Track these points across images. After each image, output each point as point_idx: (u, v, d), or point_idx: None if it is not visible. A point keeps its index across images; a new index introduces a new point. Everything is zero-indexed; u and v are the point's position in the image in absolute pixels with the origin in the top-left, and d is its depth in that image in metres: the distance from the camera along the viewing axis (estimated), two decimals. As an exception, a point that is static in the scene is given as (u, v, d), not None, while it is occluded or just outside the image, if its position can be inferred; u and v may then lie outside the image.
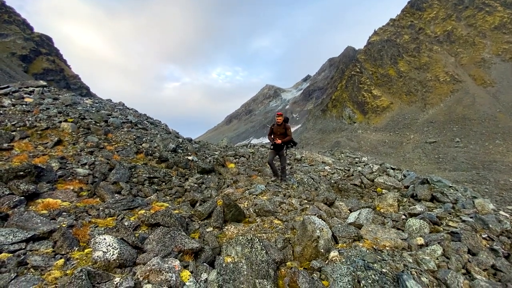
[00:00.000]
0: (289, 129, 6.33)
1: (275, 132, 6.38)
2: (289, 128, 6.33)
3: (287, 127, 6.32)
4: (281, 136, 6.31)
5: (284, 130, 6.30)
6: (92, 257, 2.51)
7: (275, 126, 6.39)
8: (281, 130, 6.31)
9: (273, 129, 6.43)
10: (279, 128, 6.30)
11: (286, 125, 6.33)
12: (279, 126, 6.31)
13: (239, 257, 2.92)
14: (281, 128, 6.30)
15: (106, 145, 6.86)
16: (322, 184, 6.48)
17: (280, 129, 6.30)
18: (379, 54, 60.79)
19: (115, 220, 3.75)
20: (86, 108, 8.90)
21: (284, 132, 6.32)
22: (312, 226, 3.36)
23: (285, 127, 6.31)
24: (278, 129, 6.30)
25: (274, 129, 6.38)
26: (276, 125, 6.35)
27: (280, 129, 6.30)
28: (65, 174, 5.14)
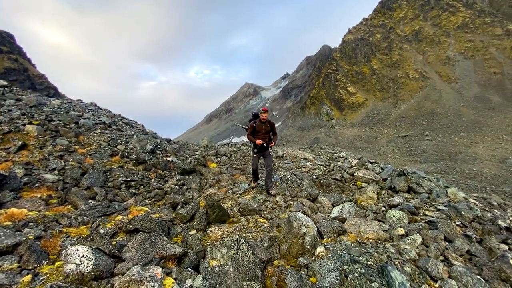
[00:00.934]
0: (274, 126, 5.58)
1: (258, 130, 5.43)
2: (274, 126, 5.58)
3: (272, 125, 5.55)
4: (266, 135, 5.46)
5: (270, 128, 5.49)
6: (64, 270, 2.29)
7: (257, 124, 5.45)
8: (267, 127, 5.44)
9: (255, 127, 5.45)
10: (263, 125, 5.43)
11: (271, 122, 5.52)
12: (263, 123, 5.43)
13: (225, 259, 2.83)
14: (266, 126, 5.43)
15: (78, 148, 6.43)
16: (305, 180, 6.53)
17: (265, 126, 5.43)
18: (353, 53, 62.84)
19: (89, 228, 3.50)
20: (54, 109, 8.29)
21: (269, 130, 5.49)
22: (297, 223, 3.34)
23: (270, 124, 5.50)
24: (263, 127, 5.43)
25: (257, 127, 5.43)
26: (260, 122, 5.45)
27: (265, 126, 5.43)
28: (32, 181, 4.74)
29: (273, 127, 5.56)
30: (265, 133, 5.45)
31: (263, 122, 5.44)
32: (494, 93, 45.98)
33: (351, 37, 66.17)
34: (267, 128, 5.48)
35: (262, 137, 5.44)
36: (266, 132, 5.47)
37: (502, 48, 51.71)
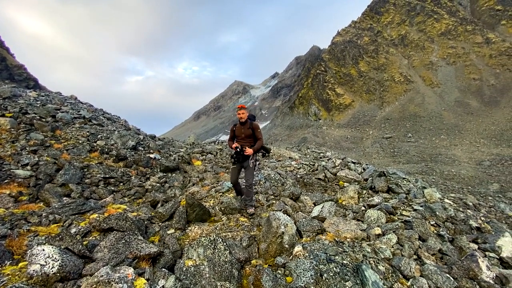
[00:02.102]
0: (257, 129, 4.43)
1: (237, 135, 4.45)
2: (257, 129, 4.43)
3: (255, 127, 4.41)
4: (247, 141, 4.40)
5: (251, 131, 4.36)
6: (27, 271, 2.18)
7: (237, 127, 4.46)
8: (247, 131, 4.35)
9: (234, 131, 4.51)
10: (243, 128, 4.37)
11: (253, 125, 4.44)
12: (242, 125, 4.39)
13: (201, 259, 2.78)
14: (246, 129, 4.35)
15: (53, 143, 6.16)
16: (289, 179, 6.56)
17: (245, 130, 4.36)
18: (342, 54, 63.83)
19: (60, 226, 3.36)
20: (29, 101, 7.90)
21: (250, 135, 4.38)
22: (276, 222, 3.33)
23: (252, 127, 4.39)
24: (242, 130, 4.37)
25: (237, 130, 4.46)
26: (239, 125, 4.42)
27: (245, 130, 4.35)
28: (1, 176, 4.49)
29: (255, 130, 4.37)
30: (246, 138, 4.40)
31: (242, 123, 4.39)
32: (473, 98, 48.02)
33: (340, 39, 67.18)
34: (247, 131, 4.37)
35: (242, 143, 4.39)
36: (246, 136, 4.39)
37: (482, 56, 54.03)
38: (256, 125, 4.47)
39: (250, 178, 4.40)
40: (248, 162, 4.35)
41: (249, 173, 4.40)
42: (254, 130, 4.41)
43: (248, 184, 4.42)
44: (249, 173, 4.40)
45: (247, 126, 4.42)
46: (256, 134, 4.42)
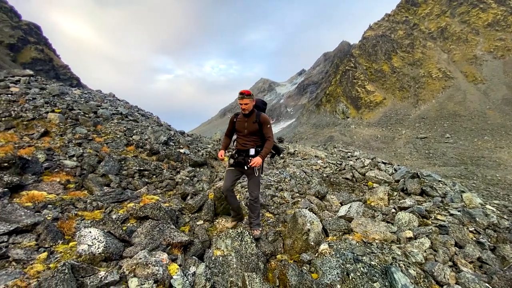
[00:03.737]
0: (267, 124, 3.27)
1: (238, 130, 3.35)
2: (267, 123, 3.27)
3: (264, 121, 3.25)
4: (251, 139, 3.28)
5: (257, 126, 3.24)
6: (77, 250, 2.44)
7: (239, 118, 3.34)
8: (251, 126, 3.24)
9: (234, 125, 3.40)
10: (246, 122, 3.26)
11: (261, 118, 3.26)
12: (246, 117, 3.28)
13: (229, 250, 2.90)
14: (250, 123, 3.24)
15: (95, 136, 6.71)
16: (314, 177, 6.50)
17: (249, 124, 3.25)
18: (373, 49, 60.93)
19: (102, 213, 3.68)
20: (75, 98, 8.66)
21: (257, 131, 3.26)
22: (302, 219, 3.35)
23: (260, 120, 3.24)
24: (246, 124, 3.26)
25: (238, 124, 3.34)
26: (242, 117, 3.31)
27: (250, 124, 3.25)
28: (52, 166, 5.00)
29: (264, 125, 3.23)
30: (249, 136, 3.26)
31: (246, 115, 3.26)
32: (524, 96, 43.33)
33: (372, 34, 64.10)
34: (253, 126, 3.23)
35: (244, 141, 3.29)
36: (250, 133, 3.25)
37: (536, 48, 48.44)
38: (265, 118, 3.26)
39: (256, 190, 3.33)
40: (253, 169, 3.23)
41: (254, 183, 3.33)
42: (262, 125, 3.23)
43: (253, 198, 3.34)
44: (254, 183, 3.33)
45: (252, 118, 3.24)
46: (264, 131, 3.24)
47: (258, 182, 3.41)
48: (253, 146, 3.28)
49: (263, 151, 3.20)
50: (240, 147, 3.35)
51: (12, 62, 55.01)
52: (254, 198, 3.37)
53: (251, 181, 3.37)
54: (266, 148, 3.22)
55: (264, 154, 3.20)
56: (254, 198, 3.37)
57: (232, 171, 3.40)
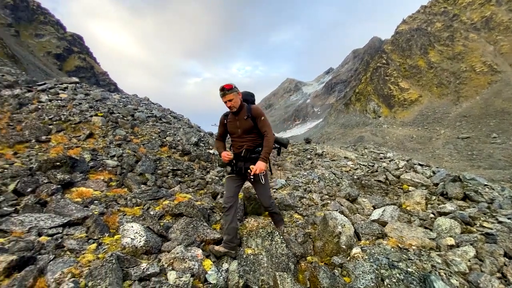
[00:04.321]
0: (261, 117, 2.83)
1: (231, 131, 2.97)
2: (261, 116, 2.83)
3: (257, 115, 2.83)
4: (247, 139, 2.88)
5: (251, 123, 2.82)
6: (121, 243, 2.65)
7: (229, 119, 2.96)
8: (245, 123, 2.84)
9: (226, 126, 3.01)
10: (238, 120, 2.87)
11: (253, 111, 2.84)
12: (236, 115, 2.87)
13: (259, 249, 2.95)
14: (242, 120, 2.84)
15: (133, 138, 7.19)
16: (344, 179, 6.32)
17: (241, 122, 2.85)
18: (407, 44, 57.47)
19: (141, 209, 3.94)
20: (114, 103, 9.36)
21: (252, 128, 2.85)
22: (333, 222, 3.29)
23: (253, 114, 2.82)
24: (237, 123, 2.87)
25: (229, 125, 2.96)
26: (232, 116, 2.92)
27: (242, 122, 2.84)
28: (96, 165, 5.46)
29: (258, 119, 2.81)
30: (244, 135, 2.85)
31: (235, 113, 2.84)
32: None
33: (406, 28, 60.55)
34: (246, 124, 2.81)
35: (239, 143, 2.88)
36: (244, 132, 2.84)
37: None
38: (257, 110, 2.82)
39: (267, 199, 2.98)
40: (258, 176, 2.79)
41: (263, 192, 2.96)
42: (255, 119, 2.78)
43: (267, 206, 3.05)
44: (263, 192, 2.96)
45: (243, 115, 2.80)
46: (260, 125, 2.79)
47: (268, 190, 3.02)
48: (251, 147, 2.85)
49: (263, 152, 2.73)
50: (236, 150, 2.90)
51: (58, 71, 60.74)
52: (267, 206, 3.09)
53: (259, 191, 3.01)
54: (266, 147, 2.74)
55: (264, 155, 2.72)
56: (267, 206, 3.10)
57: (232, 179, 2.95)
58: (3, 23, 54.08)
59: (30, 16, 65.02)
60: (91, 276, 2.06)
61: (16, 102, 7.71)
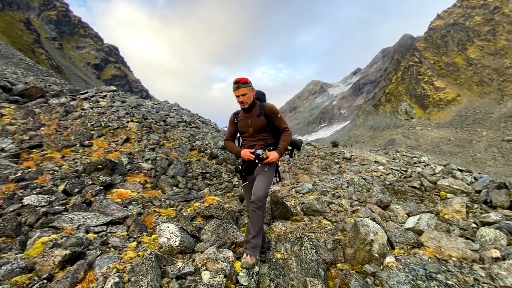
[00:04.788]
0: (276, 114, 2.66)
1: (242, 131, 2.79)
2: (276, 113, 2.67)
3: (271, 112, 2.66)
4: (259, 138, 2.69)
5: (264, 120, 2.65)
6: (158, 242, 2.83)
7: (239, 117, 2.78)
8: (257, 121, 2.66)
9: (237, 125, 2.82)
10: (249, 118, 2.69)
11: (266, 108, 2.67)
12: (247, 113, 2.70)
13: (289, 254, 2.96)
14: (254, 118, 2.66)
15: (165, 142, 7.58)
16: (375, 185, 6.10)
17: (253, 120, 2.67)
18: (443, 41, 53.89)
19: (174, 210, 4.14)
20: (148, 109, 9.94)
21: (265, 126, 2.67)
22: (365, 229, 3.21)
23: (266, 111, 2.65)
24: (249, 121, 2.69)
25: (240, 124, 2.78)
26: (242, 114, 2.75)
27: (254, 119, 2.67)
28: (133, 168, 5.84)
29: (272, 116, 2.64)
30: (257, 134, 2.67)
31: (246, 110, 2.66)
32: None
33: (440, 23, 56.90)
34: (258, 122, 2.63)
35: (251, 143, 2.68)
36: (257, 131, 2.66)
37: None
38: (271, 107, 2.65)
39: (261, 188, 2.41)
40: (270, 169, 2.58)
41: (261, 179, 2.50)
42: (270, 116, 2.62)
43: (256, 200, 2.37)
44: (261, 179, 2.50)
45: (255, 112, 2.63)
46: (277, 123, 2.64)
47: (269, 180, 2.51)
48: (263, 146, 2.61)
49: (281, 144, 2.61)
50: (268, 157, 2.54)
51: (96, 79, 65.70)
52: (257, 199, 2.35)
53: (258, 177, 2.52)
54: (283, 142, 2.62)
55: (282, 148, 2.59)
56: (257, 200, 2.35)
57: (249, 187, 2.71)
58: (48, 37, 59.92)
59: (72, 30, 71.31)
60: (133, 272, 2.23)
61: (63, 109, 8.51)
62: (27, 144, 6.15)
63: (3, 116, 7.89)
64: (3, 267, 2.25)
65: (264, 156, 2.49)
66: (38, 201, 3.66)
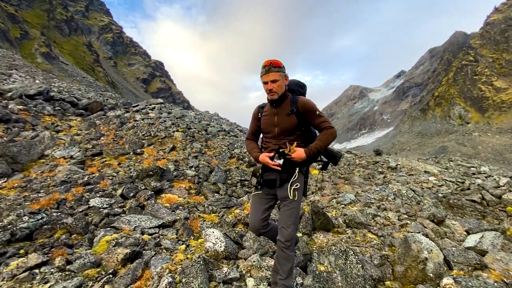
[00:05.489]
0: (314, 111, 2.03)
1: (265, 129, 2.21)
2: (314, 110, 2.03)
3: (308, 108, 2.03)
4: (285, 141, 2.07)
5: (295, 120, 2.04)
6: (205, 246, 2.98)
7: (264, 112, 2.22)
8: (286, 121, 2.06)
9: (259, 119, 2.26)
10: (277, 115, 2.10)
11: (301, 102, 2.04)
12: (276, 107, 2.11)
13: (333, 267, 2.88)
14: (283, 116, 2.07)
15: (207, 150, 7.97)
16: (427, 197, 5.60)
17: (281, 118, 2.08)
18: (502, 36, 47.95)
19: (217, 216, 4.32)
20: (191, 119, 10.59)
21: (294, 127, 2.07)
22: (417, 246, 2.98)
23: (300, 109, 2.02)
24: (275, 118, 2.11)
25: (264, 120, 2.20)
26: (269, 108, 2.17)
27: (282, 118, 2.07)
28: (179, 174, 6.25)
29: (309, 114, 2.05)
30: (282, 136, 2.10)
31: (275, 103, 2.10)
32: None
33: (499, 17, 50.88)
34: (288, 121, 2.07)
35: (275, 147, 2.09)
36: (283, 132, 2.10)
37: None
38: (307, 102, 2.05)
39: (290, 224, 2.02)
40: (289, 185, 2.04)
41: (289, 213, 2.04)
42: (306, 115, 2.04)
43: (285, 239, 2.01)
44: (289, 213, 2.04)
45: (285, 108, 2.07)
46: (315, 122, 2.04)
47: (297, 211, 2.04)
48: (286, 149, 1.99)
49: (315, 143, 1.97)
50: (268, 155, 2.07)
51: (144, 92, 71.87)
52: (286, 239, 1.99)
53: (285, 209, 2.03)
54: (320, 141, 1.96)
55: (314, 148, 1.93)
56: (285, 240, 1.99)
57: (259, 197, 2.22)
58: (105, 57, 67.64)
59: (124, 49, 79.53)
60: (184, 273, 2.38)
61: (119, 121, 9.50)
62: (90, 152, 6.98)
63: (71, 127, 9.09)
64: (77, 260, 2.59)
65: (286, 152, 1.97)
66: (101, 203, 4.13)
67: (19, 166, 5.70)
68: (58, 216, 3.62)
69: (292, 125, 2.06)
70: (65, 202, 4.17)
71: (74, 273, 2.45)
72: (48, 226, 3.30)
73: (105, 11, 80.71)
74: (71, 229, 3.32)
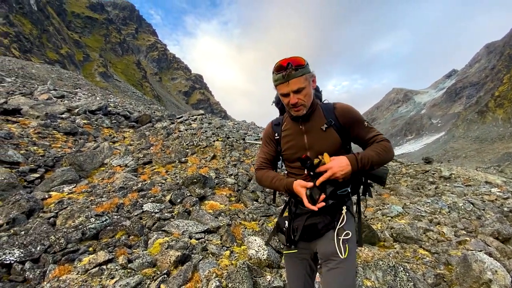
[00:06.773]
0: (361, 122, 1.40)
1: (291, 157, 1.45)
2: (360, 121, 1.40)
3: (355, 120, 1.40)
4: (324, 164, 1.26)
5: (339, 138, 1.38)
6: (248, 253, 3.08)
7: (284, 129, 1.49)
8: (324, 139, 1.37)
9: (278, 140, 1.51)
10: (306, 133, 1.41)
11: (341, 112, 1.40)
12: (305, 122, 1.42)
13: (380, 283, 2.75)
14: (317, 132, 1.38)
15: (245, 159, 8.19)
16: (489, 211, 4.99)
17: (316, 135, 1.39)
18: None
19: (257, 224, 4.40)
20: (230, 129, 11.01)
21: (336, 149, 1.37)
22: (479, 265, 2.70)
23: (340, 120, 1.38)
24: (305, 138, 1.41)
25: (287, 141, 1.47)
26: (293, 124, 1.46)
27: (317, 135, 1.38)
28: (219, 182, 6.52)
29: (353, 126, 1.40)
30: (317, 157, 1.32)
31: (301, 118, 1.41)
32: None
33: None
34: (328, 139, 1.38)
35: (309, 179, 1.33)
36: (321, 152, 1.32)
37: None
38: (351, 111, 1.43)
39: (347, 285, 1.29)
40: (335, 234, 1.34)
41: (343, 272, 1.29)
42: (351, 126, 1.41)
43: None
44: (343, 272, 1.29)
45: (318, 121, 1.42)
46: (363, 133, 1.42)
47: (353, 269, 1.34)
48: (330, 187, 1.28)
49: (367, 152, 1.32)
50: None
51: (186, 104, 76.54)
52: None
53: (332, 274, 1.31)
54: (374, 153, 1.30)
55: (366, 158, 1.27)
56: None
57: (295, 261, 1.57)
58: (152, 73, 73.94)
59: (168, 65, 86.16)
60: (230, 278, 2.50)
61: (165, 132, 10.28)
62: (142, 161, 7.67)
63: (125, 138, 10.10)
64: (136, 260, 2.88)
65: (316, 163, 1.27)
66: (153, 208, 4.52)
67: (84, 174, 6.52)
68: (118, 218, 4.05)
69: (333, 145, 1.38)
70: (123, 206, 4.65)
71: (134, 271, 2.73)
72: (111, 228, 3.72)
73: (151, 32, 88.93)
74: (129, 231, 3.69)
